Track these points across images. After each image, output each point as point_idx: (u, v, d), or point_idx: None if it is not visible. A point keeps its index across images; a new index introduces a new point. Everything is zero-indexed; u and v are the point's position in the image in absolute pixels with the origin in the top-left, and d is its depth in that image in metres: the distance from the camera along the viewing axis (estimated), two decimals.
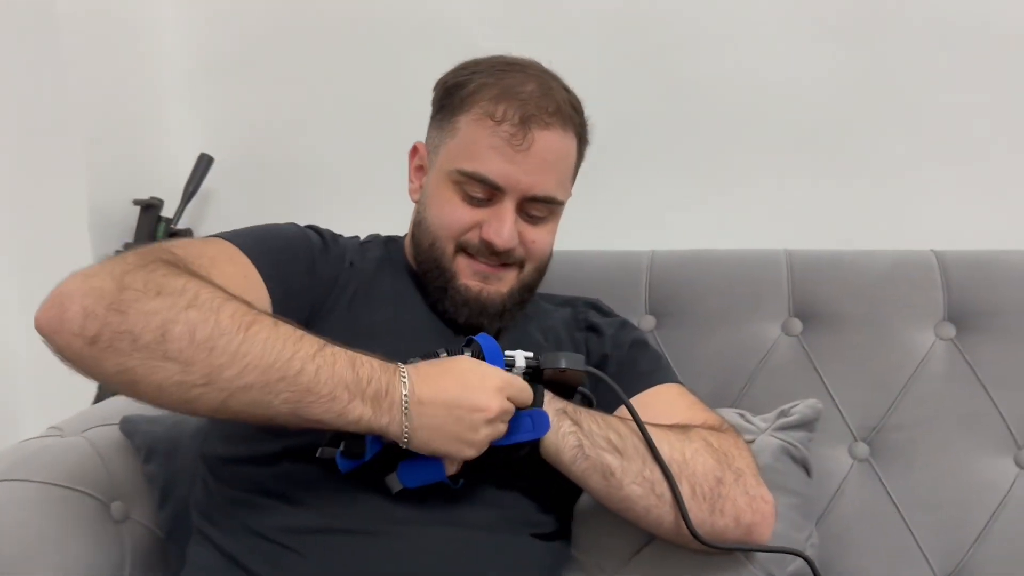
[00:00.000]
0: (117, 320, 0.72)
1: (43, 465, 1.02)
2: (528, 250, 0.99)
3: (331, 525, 0.85)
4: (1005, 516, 1.13)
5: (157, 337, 0.72)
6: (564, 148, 0.99)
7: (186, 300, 0.74)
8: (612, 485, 0.86)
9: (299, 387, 0.74)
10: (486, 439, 0.80)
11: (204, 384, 0.73)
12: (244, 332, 0.74)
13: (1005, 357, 1.18)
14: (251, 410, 0.75)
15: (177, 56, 1.59)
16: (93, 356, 0.72)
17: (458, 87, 0.99)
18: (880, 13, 1.38)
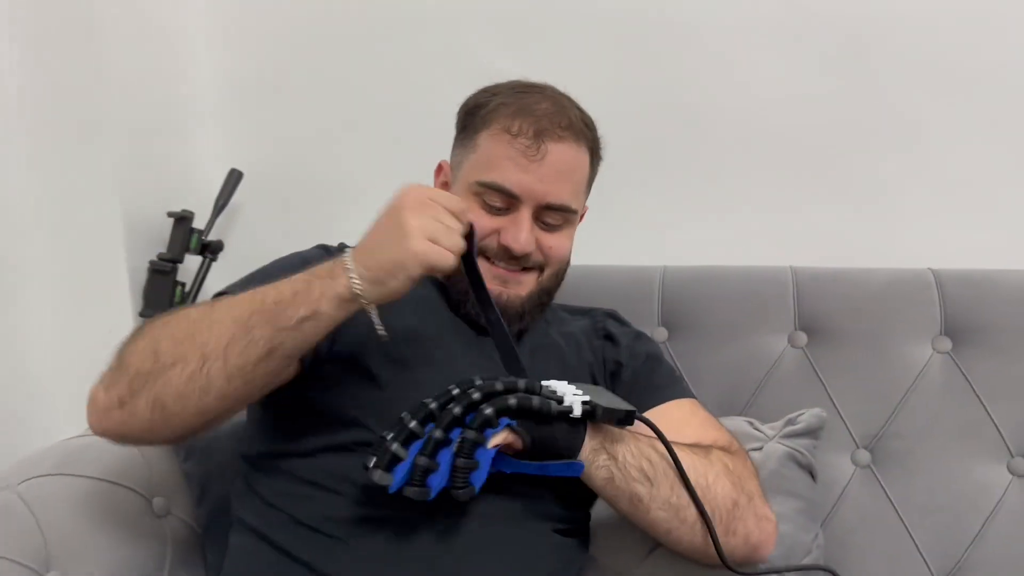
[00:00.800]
0: (124, 373, 0.86)
1: (89, 461, 1.05)
2: (546, 256, 1.04)
3: (371, 514, 0.89)
4: (999, 520, 1.16)
5: (153, 359, 0.84)
6: (576, 160, 1.03)
7: (160, 325, 0.88)
8: (639, 510, 0.91)
9: (267, 308, 0.83)
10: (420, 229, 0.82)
11: (203, 363, 0.83)
12: (211, 311, 0.87)
13: (998, 370, 1.22)
14: (248, 355, 0.83)
15: (208, 76, 1.63)
16: (129, 412, 0.85)
17: (479, 107, 1.05)
18: (877, 42, 1.42)
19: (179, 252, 1.50)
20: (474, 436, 0.81)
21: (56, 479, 1.02)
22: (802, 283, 1.31)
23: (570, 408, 0.86)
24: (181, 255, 1.50)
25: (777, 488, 1.08)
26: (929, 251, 1.36)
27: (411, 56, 1.57)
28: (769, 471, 1.09)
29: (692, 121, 1.50)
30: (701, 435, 1.00)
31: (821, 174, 1.47)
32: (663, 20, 1.48)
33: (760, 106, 1.47)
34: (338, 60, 1.60)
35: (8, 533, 0.92)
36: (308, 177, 1.64)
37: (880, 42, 1.42)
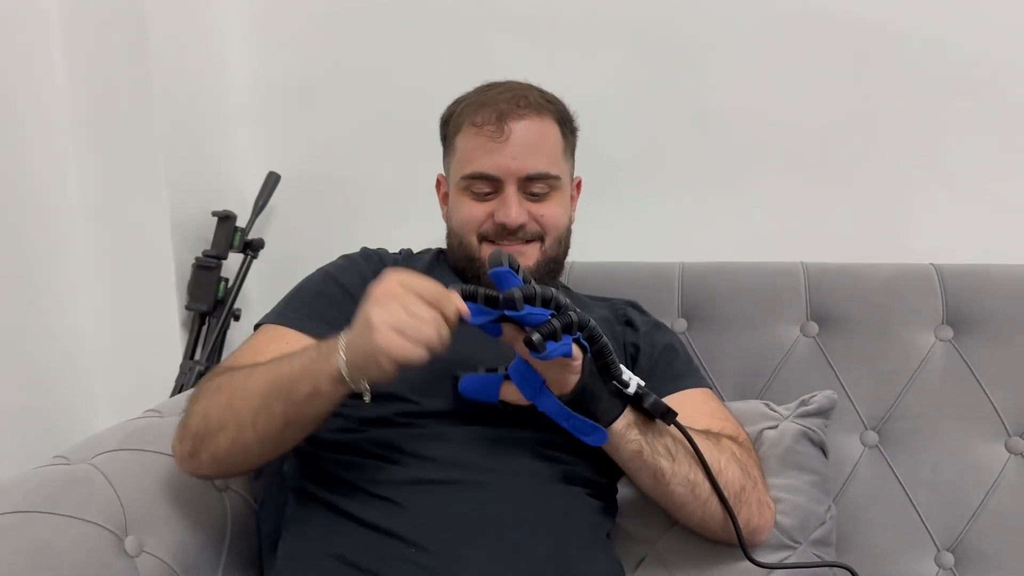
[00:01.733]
0: (186, 432, 0.97)
1: (153, 438, 1.10)
2: (541, 224, 1.11)
3: (424, 476, 0.96)
4: (997, 495, 1.22)
5: (205, 424, 0.95)
6: (542, 130, 1.11)
7: (215, 389, 0.96)
8: (660, 483, 0.98)
9: (282, 383, 0.90)
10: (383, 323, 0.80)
11: (239, 431, 0.93)
12: (248, 380, 0.94)
13: (997, 357, 1.27)
14: (271, 426, 0.91)
15: (248, 82, 1.69)
16: (199, 462, 0.97)
17: (451, 116, 1.14)
18: (882, 45, 1.47)
19: (223, 249, 1.56)
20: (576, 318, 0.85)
21: (126, 453, 1.07)
22: (813, 277, 1.36)
23: (627, 382, 0.93)
24: (225, 252, 1.57)
25: (792, 463, 1.14)
26: (931, 247, 1.43)
27: (444, 59, 1.62)
28: (784, 447, 1.15)
29: (709, 126, 1.55)
30: (711, 423, 1.06)
31: (829, 175, 1.52)
32: (680, 27, 1.53)
33: (772, 110, 1.52)
34: (371, 65, 1.65)
35: (91, 499, 0.98)
36: (343, 179, 1.70)
37: (885, 46, 1.47)
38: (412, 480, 0.96)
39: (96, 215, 1.56)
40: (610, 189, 1.54)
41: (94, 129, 1.54)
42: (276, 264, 1.67)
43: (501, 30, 1.60)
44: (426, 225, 1.34)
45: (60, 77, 1.52)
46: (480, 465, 0.97)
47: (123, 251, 1.56)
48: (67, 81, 1.52)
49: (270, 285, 1.68)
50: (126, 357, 1.58)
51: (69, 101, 1.53)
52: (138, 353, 1.58)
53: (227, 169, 1.68)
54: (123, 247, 1.56)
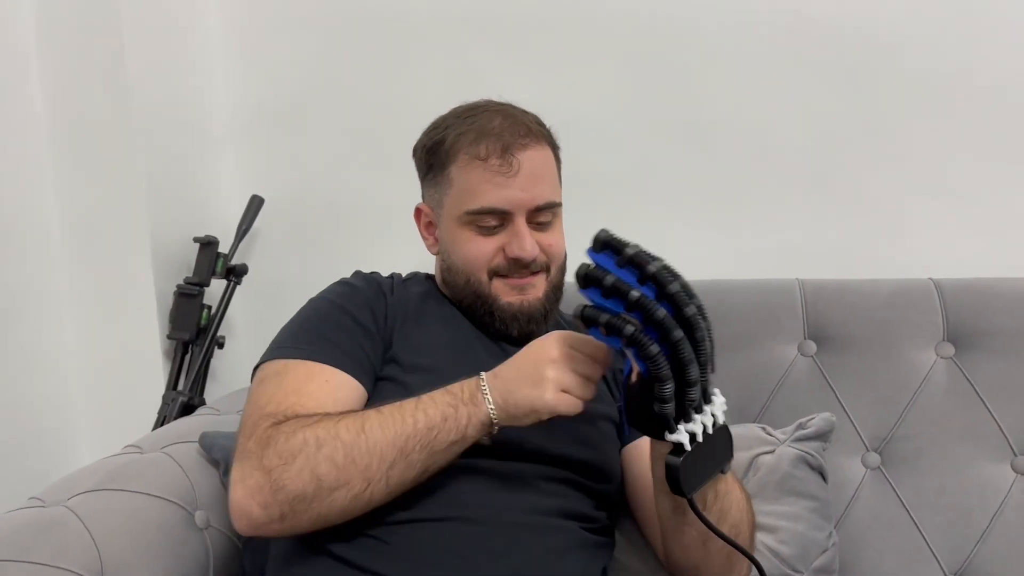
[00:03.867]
0: (283, 495, 0.88)
1: (132, 477, 1.09)
2: (548, 254, 1.08)
3: (409, 516, 0.93)
4: (1005, 517, 1.20)
5: (316, 485, 0.88)
6: (544, 158, 1.09)
7: (313, 446, 0.89)
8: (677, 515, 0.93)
9: (421, 433, 0.89)
10: (556, 382, 0.86)
11: (367, 486, 0.89)
12: (363, 434, 0.89)
13: (1000, 373, 1.25)
14: (408, 475, 0.89)
15: (230, 106, 1.67)
16: (291, 526, 0.90)
17: (438, 145, 1.09)
18: (879, 61, 1.46)
19: (205, 276, 1.54)
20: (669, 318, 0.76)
21: (103, 494, 1.05)
22: (810, 294, 1.34)
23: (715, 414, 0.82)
24: (207, 279, 1.54)
25: (790, 489, 1.12)
26: (930, 261, 1.41)
27: (430, 80, 1.60)
28: (782, 473, 1.13)
29: (702, 141, 1.53)
30: None
31: (826, 190, 1.51)
32: (672, 42, 1.52)
33: (767, 126, 1.51)
34: (354, 89, 1.64)
35: (65, 545, 0.95)
36: (327, 202, 1.68)
37: (882, 59, 1.46)
38: (401, 519, 0.93)
39: (75, 243, 1.54)
40: (601, 206, 1.51)
41: (72, 156, 1.52)
42: (260, 290, 1.64)
43: (488, 49, 1.59)
44: (412, 250, 1.30)
45: (37, 103, 1.50)
46: (472, 502, 0.95)
47: (103, 280, 1.54)
48: (45, 107, 1.50)
49: (254, 311, 1.67)
50: (107, 388, 1.55)
51: (47, 128, 1.51)
52: (119, 384, 1.55)
53: (209, 194, 1.66)
54: (103, 275, 1.54)
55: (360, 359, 1.02)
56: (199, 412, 1.36)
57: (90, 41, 1.48)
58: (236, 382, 1.57)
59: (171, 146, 1.57)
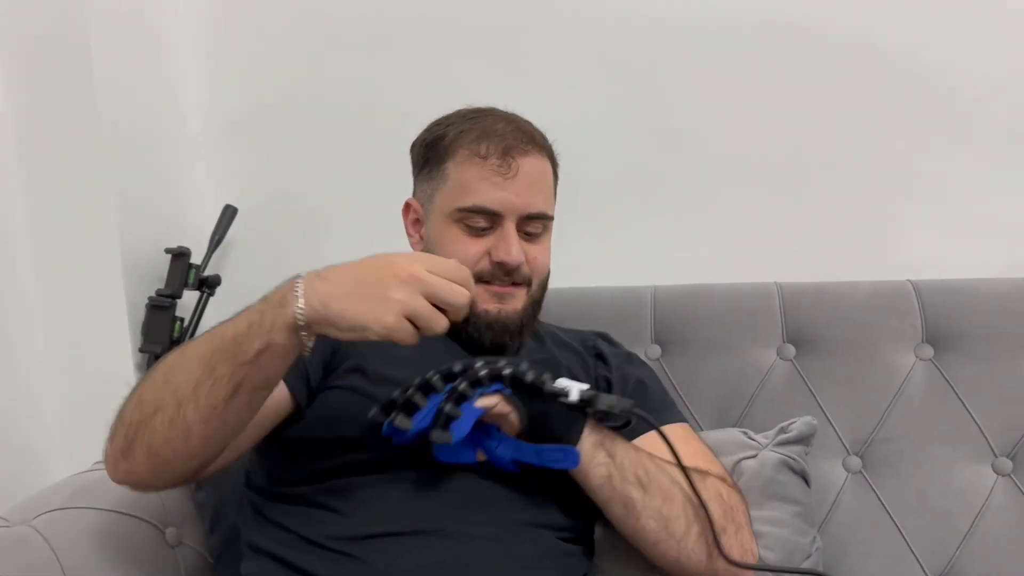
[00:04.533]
0: (121, 426, 0.89)
1: (100, 494, 1.06)
2: (532, 267, 1.07)
3: (378, 530, 0.91)
4: (987, 518, 1.18)
5: (140, 409, 0.87)
6: (543, 169, 1.08)
7: (149, 372, 0.90)
8: (630, 516, 0.94)
9: (226, 345, 0.82)
10: (402, 305, 0.77)
11: (178, 407, 0.83)
12: (183, 355, 0.86)
13: (979, 374, 1.24)
14: (216, 394, 0.82)
15: (202, 114, 1.65)
16: (132, 463, 0.88)
17: (438, 140, 1.09)
18: (853, 64, 1.45)
19: (177, 288, 1.51)
20: (463, 388, 0.85)
21: (70, 512, 1.03)
22: (788, 297, 1.33)
23: (565, 391, 0.88)
24: (179, 291, 1.51)
25: (774, 494, 1.11)
26: (908, 263, 1.40)
27: (402, 89, 1.59)
28: (765, 478, 1.12)
29: (678, 145, 1.53)
30: (694, 463, 1.01)
31: (802, 192, 1.50)
32: (648, 48, 1.52)
33: (742, 129, 1.51)
34: (328, 96, 1.63)
35: (29, 566, 0.93)
36: (302, 211, 1.66)
37: (857, 64, 1.46)
38: (371, 533, 0.92)
39: (44, 255, 1.50)
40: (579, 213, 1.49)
41: (40, 167, 1.48)
42: (234, 301, 1.56)
43: (465, 55, 1.58)
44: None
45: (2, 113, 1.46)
46: (444, 514, 0.93)
47: (73, 293, 1.50)
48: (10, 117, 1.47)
49: None
50: (79, 403, 1.52)
51: (13, 138, 1.47)
52: (91, 398, 1.50)
53: (181, 204, 1.63)
54: (73, 288, 1.50)
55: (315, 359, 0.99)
56: None
57: (56, 48, 1.44)
58: None
59: (141, 155, 1.54)
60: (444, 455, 0.90)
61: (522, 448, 0.91)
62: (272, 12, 1.63)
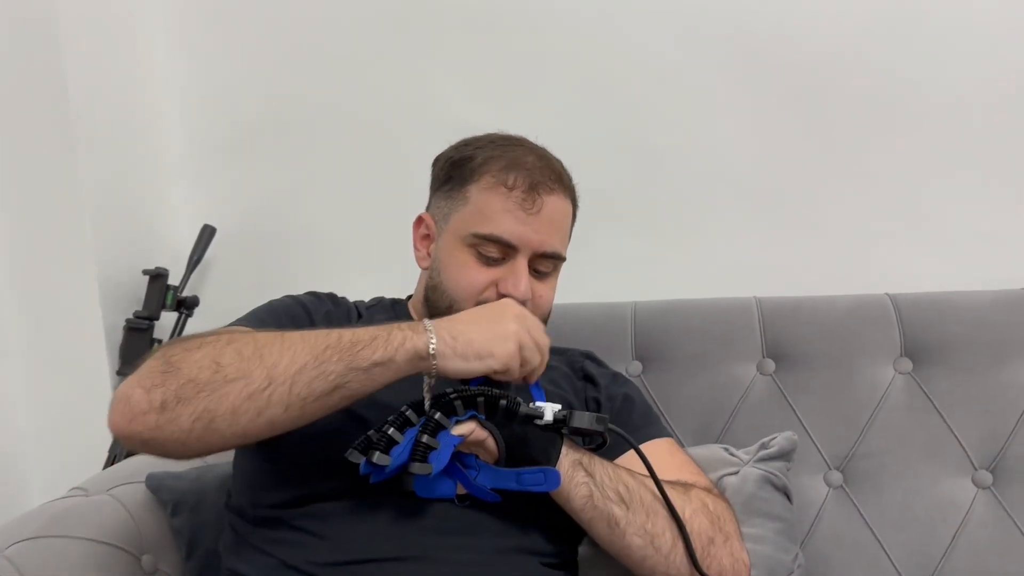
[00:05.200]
0: (175, 378, 0.80)
1: (76, 522, 1.05)
2: (535, 305, 1.05)
3: (360, 556, 0.90)
4: (968, 531, 1.19)
5: (213, 369, 0.81)
6: (565, 210, 1.08)
7: (224, 340, 0.84)
8: (615, 534, 0.93)
9: (344, 346, 0.83)
10: (517, 335, 0.86)
11: (268, 384, 0.81)
12: (281, 339, 0.84)
13: (957, 387, 1.25)
14: (314, 386, 0.81)
15: (180, 134, 1.64)
16: (168, 419, 0.80)
17: (465, 160, 1.07)
18: (831, 82, 1.47)
19: (155, 309, 1.50)
20: (438, 418, 0.85)
21: (43, 541, 1.01)
22: (767, 312, 1.34)
23: (540, 412, 0.88)
24: (157, 312, 1.50)
25: (756, 511, 1.11)
26: (886, 277, 1.41)
27: (379, 110, 1.59)
28: (747, 495, 1.12)
29: (657, 162, 1.53)
30: (680, 476, 1.02)
31: (780, 208, 1.51)
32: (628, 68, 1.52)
33: (721, 146, 1.51)
34: (306, 116, 1.62)
35: None
36: (279, 231, 1.65)
37: (834, 81, 1.47)
38: (353, 559, 0.90)
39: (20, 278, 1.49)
40: None
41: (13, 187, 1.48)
42: (213, 322, 1.57)
43: (448, 77, 1.58)
44: (368, 280, 1.29)
45: None
46: (426, 541, 0.92)
47: (49, 316, 1.49)
48: None
49: None
50: (55, 428, 1.51)
51: None
52: (69, 423, 1.51)
53: (158, 224, 1.62)
54: (49, 311, 1.49)
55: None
56: None
57: (31, 68, 1.44)
58: None
59: (117, 175, 1.54)
60: (422, 490, 0.89)
61: (501, 475, 0.90)
62: (249, 33, 1.63)
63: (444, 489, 0.91)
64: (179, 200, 1.65)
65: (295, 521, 0.94)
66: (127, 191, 1.56)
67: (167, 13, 1.62)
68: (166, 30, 1.63)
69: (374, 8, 1.58)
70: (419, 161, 1.59)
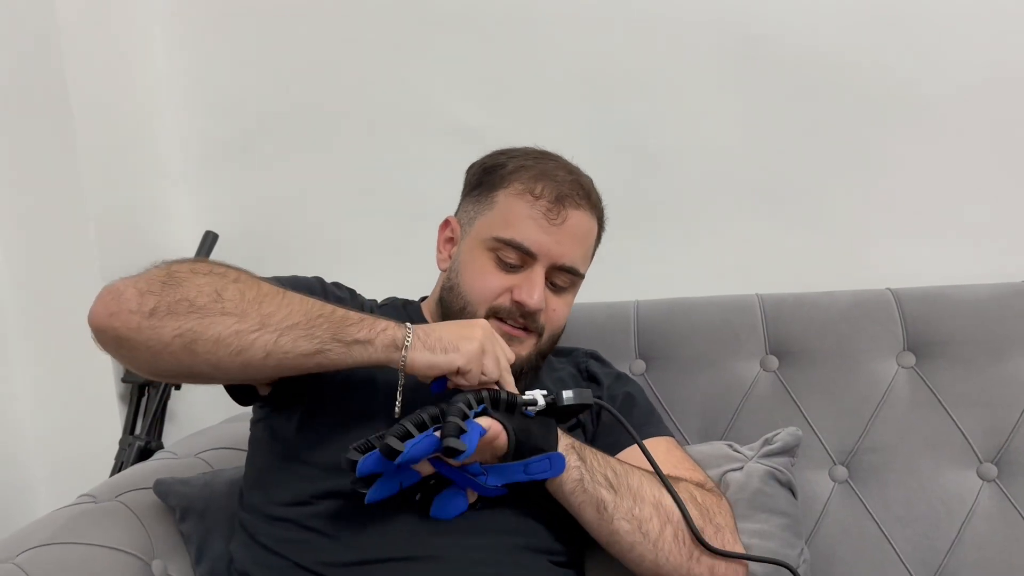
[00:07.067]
0: (172, 292, 0.85)
1: (86, 529, 1.05)
2: (548, 318, 1.07)
3: (370, 556, 0.91)
4: (973, 524, 1.19)
5: (213, 298, 0.85)
6: (589, 228, 1.09)
7: (232, 277, 0.89)
8: (603, 519, 0.94)
9: (336, 319, 0.89)
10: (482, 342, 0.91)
11: (258, 329, 0.85)
12: (283, 294, 0.90)
13: (961, 380, 1.25)
14: (299, 344, 0.87)
15: (181, 141, 1.65)
16: (152, 326, 0.84)
17: (497, 167, 1.09)
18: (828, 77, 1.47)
19: None
20: (462, 406, 0.87)
21: (55, 548, 1.01)
22: (769, 309, 1.34)
23: (534, 400, 0.93)
24: None
25: (761, 506, 1.11)
26: (887, 272, 1.41)
27: (380, 116, 1.60)
28: (752, 490, 1.12)
29: (656, 161, 1.54)
30: (676, 473, 1.03)
31: (781, 205, 1.51)
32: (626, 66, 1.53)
33: (721, 144, 1.52)
34: (307, 121, 1.63)
35: None
36: (282, 235, 1.66)
37: (831, 77, 1.47)
38: (364, 559, 0.91)
39: (25, 287, 1.50)
40: None
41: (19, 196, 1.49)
42: None
43: (446, 80, 1.58)
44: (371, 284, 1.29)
45: None
46: (437, 540, 0.93)
47: (55, 323, 1.50)
48: None
49: None
50: (62, 435, 1.52)
51: None
52: (75, 431, 1.52)
53: (162, 231, 1.63)
54: (54, 319, 1.50)
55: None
56: (156, 457, 1.32)
57: (32, 78, 1.45)
58: (195, 423, 1.53)
59: (120, 184, 1.55)
60: (442, 511, 0.92)
61: (508, 470, 0.91)
62: (251, 37, 1.63)
63: (460, 505, 0.93)
64: (181, 207, 1.66)
65: (307, 521, 0.95)
66: (130, 199, 1.57)
67: (168, 17, 1.63)
68: (167, 35, 1.64)
69: (374, 12, 1.59)
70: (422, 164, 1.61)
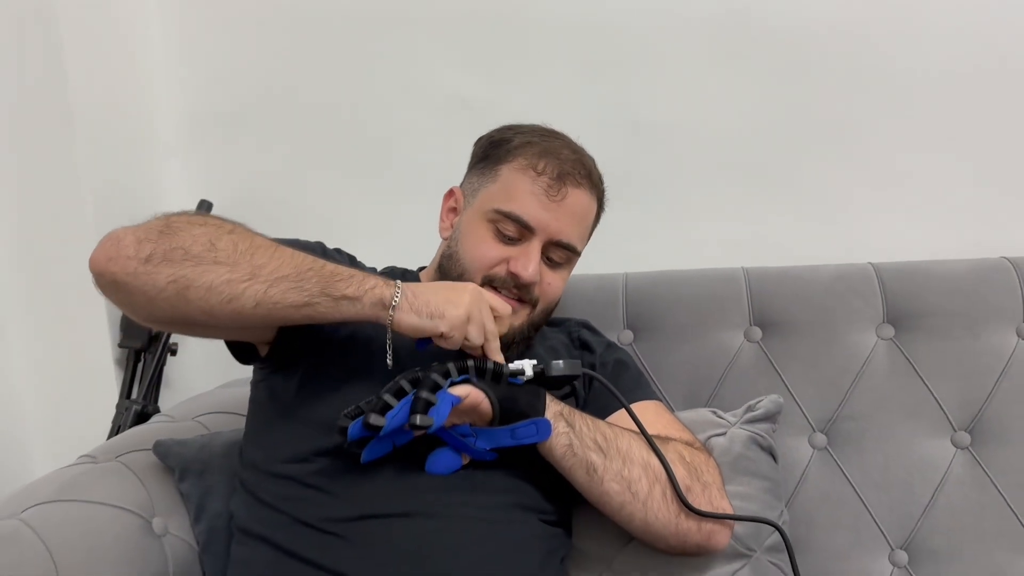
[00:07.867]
0: (168, 240, 0.89)
1: (88, 487, 1.07)
2: (543, 291, 1.09)
3: (368, 512, 0.94)
4: (946, 490, 1.23)
5: (207, 247, 0.89)
6: (588, 207, 1.11)
7: (227, 228, 0.92)
8: (594, 480, 0.98)
9: (325, 273, 0.91)
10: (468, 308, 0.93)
11: (249, 279, 0.89)
12: (276, 247, 0.93)
13: (937, 352, 1.29)
14: (288, 296, 0.90)
15: (175, 110, 1.65)
16: (147, 271, 0.88)
17: (503, 141, 1.11)
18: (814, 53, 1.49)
19: None
20: (435, 377, 0.90)
21: (59, 505, 1.03)
22: (754, 282, 1.37)
23: (521, 369, 0.96)
24: None
25: (744, 469, 1.15)
26: (869, 247, 1.45)
27: (376, 87, 1.60)
28: (735, 455, 1.16)
29: (645, 136, 1.55)
30: (667, 433, 1.06)
31: (767, 180, 1.54)
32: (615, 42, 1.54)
33: (707, 119, 1.54)
34: (302, 92, 1.63)
35: (21, 560, 0.93)
36: (276, 206, 1.65)
37: (816, 55, 1.49)
38: (362, 514, 0.94)
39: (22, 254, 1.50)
40: None
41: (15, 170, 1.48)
42: None
43: (441, 54, 1.59)
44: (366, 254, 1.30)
45: None
46: (432, 496, 0.96)
47: (52, 290, 1.50)
48: None
49: None
50: (59, 400, 1.53)
51: None
52: (72, 395, 1.53)
53: (156, 200, 1.62)
54: (51, 286, 1.50)
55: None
56: (153, 420, 1.34)
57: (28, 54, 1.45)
58: (190, 389, 1.55)
59: (116, 153, 1.55)
60: (435, 467, 0.96)
61: (496, 434, 0.95)
62: (244, 9, 1.63)
63: (452, 463, 0.96)
64: (176, 176, 1.66)
65: (306, 478, 0.98)
66: (125, 168, 1.57)
67: None
68: (163, 9, 1.63)
69: None
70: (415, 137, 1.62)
